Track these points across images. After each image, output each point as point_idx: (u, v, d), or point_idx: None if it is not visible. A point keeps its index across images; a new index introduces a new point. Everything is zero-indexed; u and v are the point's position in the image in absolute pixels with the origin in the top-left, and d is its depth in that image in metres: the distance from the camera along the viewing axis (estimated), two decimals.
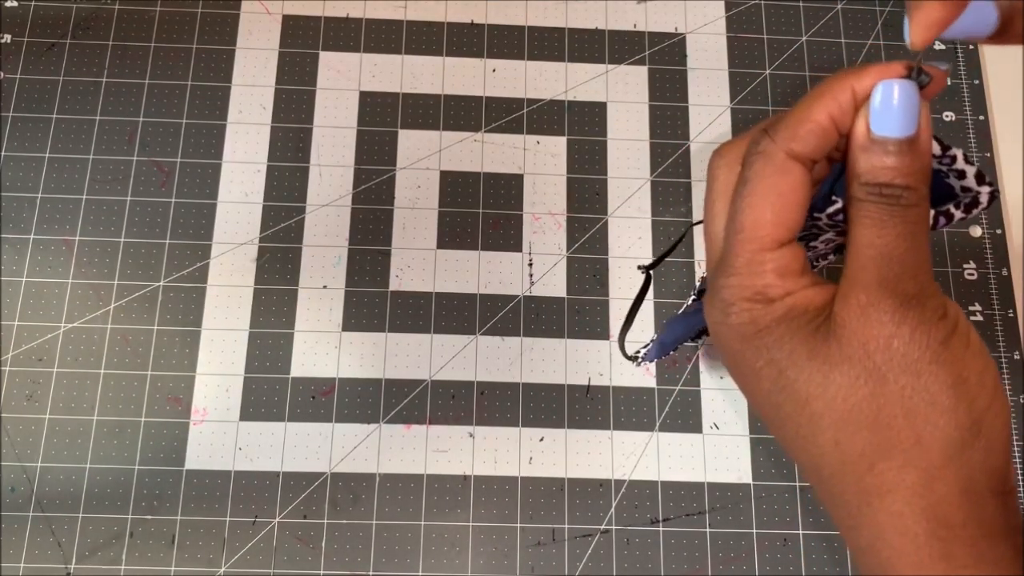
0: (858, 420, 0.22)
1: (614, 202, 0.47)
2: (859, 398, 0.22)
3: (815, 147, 0.23)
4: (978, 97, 0.50)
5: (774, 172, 0.23)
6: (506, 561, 0.41)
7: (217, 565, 0.41)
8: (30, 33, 0.48)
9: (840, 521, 0.24)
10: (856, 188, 0.23)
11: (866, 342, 0.22)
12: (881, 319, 0.22)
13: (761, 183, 0.23)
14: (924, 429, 0.22)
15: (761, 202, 0.23)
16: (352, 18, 0.50)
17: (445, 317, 0.45)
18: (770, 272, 0.23)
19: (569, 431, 0.43)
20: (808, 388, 0.23)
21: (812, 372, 0.23)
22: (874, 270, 0.23)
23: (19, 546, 0.40)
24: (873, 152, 0.23)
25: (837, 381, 0.23)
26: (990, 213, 0.48)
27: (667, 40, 0.51)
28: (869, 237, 0.23)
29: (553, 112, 0.49)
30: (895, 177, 0.22)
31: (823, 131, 0.23)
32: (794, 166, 0.23)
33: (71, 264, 0.45)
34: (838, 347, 0.23)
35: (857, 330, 0.22)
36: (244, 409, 0.43)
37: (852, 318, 0.23)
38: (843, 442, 0.23)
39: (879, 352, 0.22)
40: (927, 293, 0.23)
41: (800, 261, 0.24)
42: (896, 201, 0.22)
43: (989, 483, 0.22)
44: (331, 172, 0.47)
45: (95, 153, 0.47)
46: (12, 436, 0.42)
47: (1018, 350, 0.45)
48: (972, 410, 0.22)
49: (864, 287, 0.23)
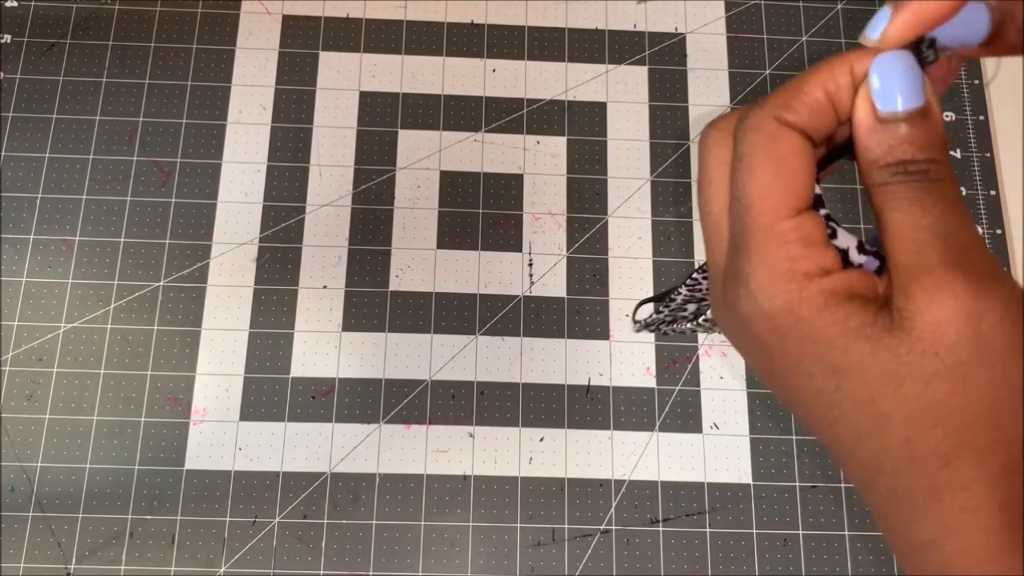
0: (934, 417, 0.20)
1: (614, 202, 0.47)
2: (937, 394, 0.20)
3: (808, 119, 0.21)
4: (978, 97, 0.50)
5: (768, 140, 0.21)
6: (506, 561, 0.41)
7: (217, 565, 0.41)
8: (30, 33, 0.48)
9: (895, 517, 0.22)
10: (876, 174, 0.21)
11: (944, 332, 0.20)
12: (960, 303, 0.19)
13: (757, 154, 0.21)
14: (1007, 422, 0.20)
15: (762, 172, 0.21)
16: (352, 18, 0.50)
17: (445, 317, 0.45)
18: (793, 241, 0.21)
19: (569, 431, 0.43)
20: (873, 387, 0.20)
21: (878, 370, 0.20)
22: (934, 251, 0.20)
23: (19, 546, 0.40)
24: (884, 130, 0.21)
25: (910, 378, 0.20)
26: (990, 213, 0.48)
27: (667, 40, 0.51)
28: (914, 218, 0.20)
29: (553, 112, 0.49)
30: (916, 151, 0.20)
31: (817, 104, 0.21)
32: (788, 132, 0.21)
33: (71, 264, 0.45)
34: (908, 340, 0.20)
35: (932, 319, 0.20)
36: (244, 409, 0.43)
37: (923, 307, 0.20)
38: (915, 439, 0.20)
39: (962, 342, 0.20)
40: (999, 271, 0.20)
41: (822, 232, 0.21)
42: (926, 176, 0.20)
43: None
44: (331, 172, 0.47)
45: (95, 153, 0.47)
46: (12, 436, 0.42)
47: None
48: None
49: (929, 271, 0.20)
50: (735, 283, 0.22)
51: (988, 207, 0.48)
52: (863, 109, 0.21)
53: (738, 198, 0.22)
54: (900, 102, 0.21)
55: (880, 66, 0.21)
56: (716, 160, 0.23)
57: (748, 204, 0.21)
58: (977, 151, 0.49)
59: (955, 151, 0.49)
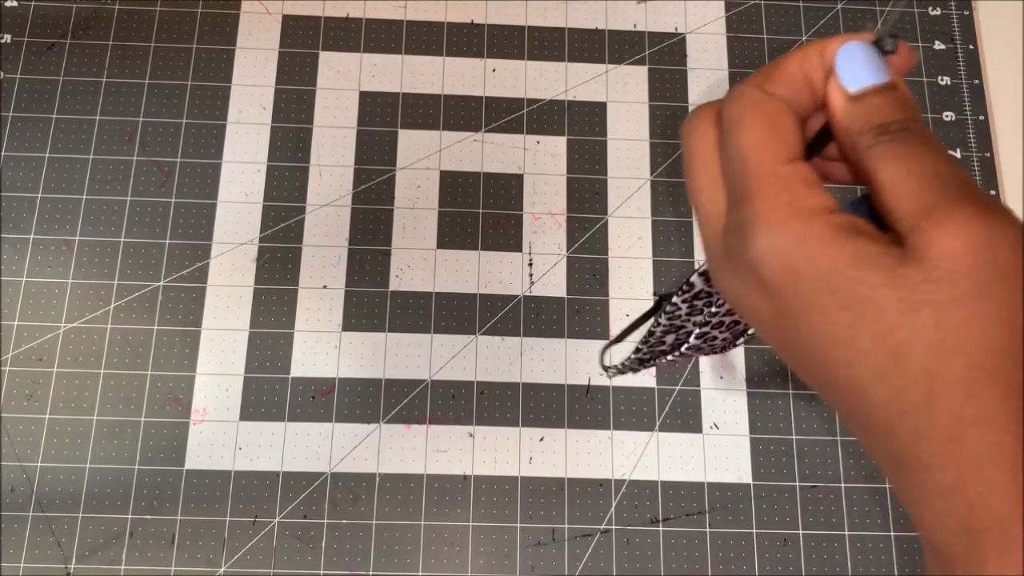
0: (955, 345, 0.20)
1: (614, 202, 0.47)
2: (957, 321, 0.20)
3: (788, 91, 0.23)
4: (978, 97, 0.50)
5: (755, 103, 0.22)
6: (506, 561, 0.41)
7: (217, 565, 0.41)
8: (30, 33, 0.48)
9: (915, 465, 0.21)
10: (861, 140, 0.22)
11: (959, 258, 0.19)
12: (972, 229, 0.19)
13: (747, 115, 0.22)
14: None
15: (755, 127, 0.22)
16: (352, 18, 0.50)
17: (445, 317, 0.45)
18: (795, 182, 0.21)
19: (569, 431, 0.43)
20: (890, 318, 0.20)
21: (893, 299, 0.20)
22: (936, 190, 0.20)
23: (19, 546, 0.40)
24: (859, 103, 0.22)
25: (929, 306, 0.20)
26: None
27: (667, 40, 0.51)
28: (908, 168, 0.21)
29: (553, 112, 0.49)
30: (894, 113, 0.21)
31: (795, 79, 0.23)
32: (777, 99, 0.22)
33: (71, 264, 0.45)
34: (923, 269, 0.20)
35: (946, 247, 0.20)
36: (244, 409, 0.43)
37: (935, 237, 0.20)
38: (936, 370, 0.20)
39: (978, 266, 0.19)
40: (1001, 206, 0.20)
41: (819, 179, 0.22)
42: (910, 132, 0.21)
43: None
44: (331, 172, 0.47)
45: (95, 153, 0.47)
46: (12, 436, 0.42)
47: None
48: None
49: (936, 205, 0.20)
50: (740, 233, 0.22)
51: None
52: (836, 90, 0.22)
53: (733, 157, 0.22)
54: (867, 78, 0.22)
55: (845, 53, 0.22)
56: (700, 136, 0.24)
57: (745, 157, 0.22)
58: (977, 151, 0.49)
59: (955, 151, 0.49)
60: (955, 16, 0.51)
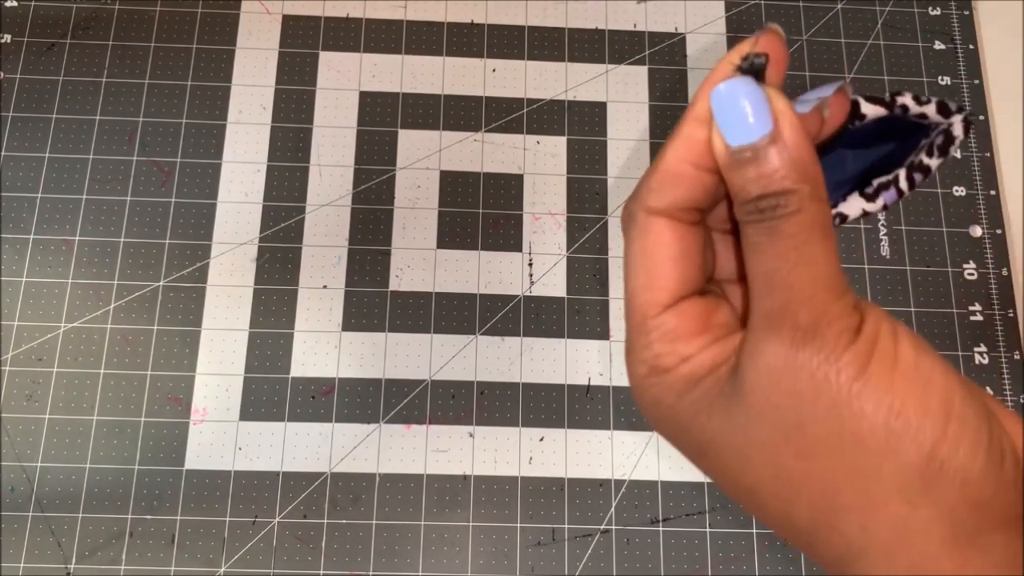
0: (795, 488, 0.19)
1: (614, 202, 0.47)
2: (787, 461, 0.19)
3: (675, 196, 0.21)
4: (978, 97, 0.50)
5: (639, 234, 0.21)
6: (506, 561, 0.41)
7: (217, 565, 0.41)
8: (30, 33, 0.48)
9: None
10: (738, 213, 0.20)
11: (770, 395, 0.19)
12: (776, 364, 0.19)
13: (630, 248, 0.21)
14: (870, 481, 0.18)
15: (634, 268, 0.21)
16: (352, 18, 0.50)
17: (445, 317, 0.45)
18: (656, 341, 0.21)
19: (569, 431, 0.43)
20: (735, 463, 0.20)
21: (734, 446, 0.20)
22: (759, 305, 0.20)
23: (19, 546, 0.40)
24: (738, 166, 0.19)
25: (756, 449, 0.19)
26: (990, 213, 0.48)
27: (667, 40, 0.51)
28: (752, 266, 0.20)
29: (553, 112, 0.49)
30: (765, 185, 0.19)
31: (678, 177, 0.21)
32: (656, 221, 0.21)
33: (71, 264, 0.45)
34: (744, 409, 0.19)
35: (758, 382, 0.19)
36: (244, 409, 0.43)
37: (748, 370, 0.19)
38: (791, 514, 0.20)
39: (788, 403, 0.19)
40: (830, 315, 0.19)
41: (697, 318, 0.21)
42: (774, 213, 0.19)
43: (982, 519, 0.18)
44: (331, 172, 0.47)
45: (95, 153, 0.47)
46: (12, 436, 0.42)
47: (1018, 350, 0.45)
48: (920, 446, 0.18)
49: (752, 329, 0.20)
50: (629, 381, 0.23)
51: (988, 207, 0.48)
52: (718, 147, 0.20)
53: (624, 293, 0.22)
54: (743, 134, 0.19)
55: (718, 99, 0.20)
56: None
57: (627, 302, 0.22)
58: (977, 151, 0.49)
59: (956, 151, 0.49)
60: (955, 16, 0.51)
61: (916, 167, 0.23)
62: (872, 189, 0.23)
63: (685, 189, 0.21)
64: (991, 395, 0.21)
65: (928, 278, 0.46)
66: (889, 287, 0.46)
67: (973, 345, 0.45)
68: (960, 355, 0.45)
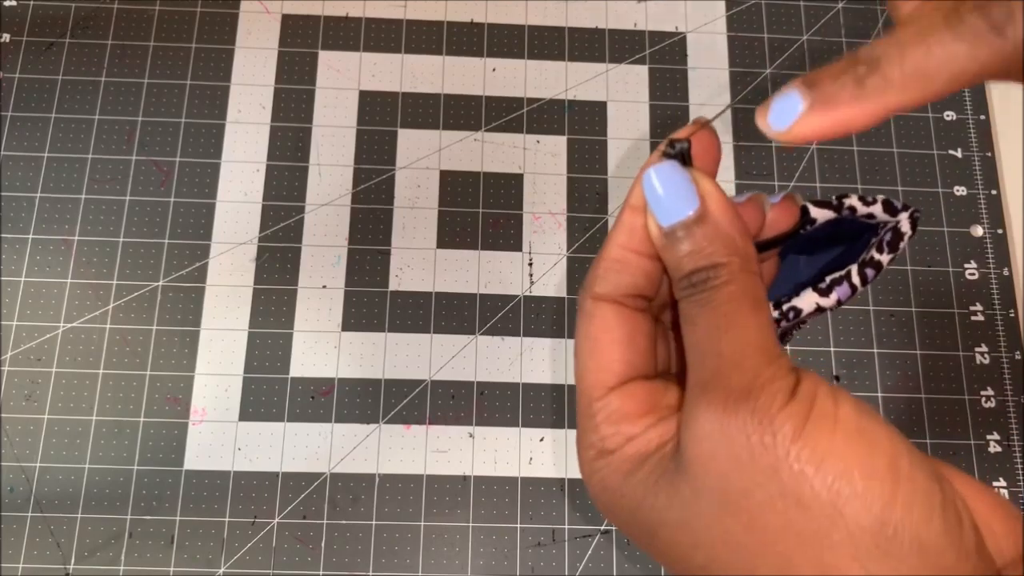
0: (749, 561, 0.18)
1: (614, 202, 0.47)
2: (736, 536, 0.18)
3: (619, 283, 0.21)
4: (979, 97, 0.50)
5: (586, 319, 0.22)
6: (506, 561, 0.41)
7: (216, 565, 0.41)
8: (29, 32, 0.48)
9: None
10: (676, 291, 0.21)
11: (708, 464, 0.18)
12: (712, 431, 0.18)
13: (578, 332, 0.22)
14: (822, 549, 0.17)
15: (581, 352, 0.22)
16: (352, 17, 0.50)
17: (445, 317, 0.45)
18: (601, 423, 0.21)
19: (569, 431, 0.43)
20: (685, 540, 0.19)
21: (681, 523, 0.19)
22: (693, 377, 0.20)
23: (18, 546, 0.40)
24: (669, 246, 0.20)
25: (706, 522, 0.19)
26: (991, 212, 0.47)
27: (667, 39, 0.50)
28: (686, 341, 0.20)
29: (553, 112, 0.49)
30: (696, 260, 0.20)
31: (621, 264, 0.21)
32: (601, 307, 0.21)
33: (70, 264, 0.45)
34: (687, 482, 0.19)
35: (696, 452, 0.19)
36: (243, 409, 0.43)
37: (689, 439, 0.19)
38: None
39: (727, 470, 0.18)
40: (762, 378, 0.19)
41: (642, 399, 0.21)
42: (705, 285, 0.20)
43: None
44: (331, 172, 0.47)
45: (94, 152, 0.46)
46: (11, 436, 0.42)
47: (1019, 350, 0.45)
48: (870, 510, 0.17)
49: (688, 400, 0.20)
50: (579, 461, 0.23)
51: (989, 206, 0.48)
52: (653, 229, 0.21)
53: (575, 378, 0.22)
54: (672, 214, 0.20)
55: (648, 183, 0.21)
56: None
57: (577, 383, 0.22)
58: (978, 150, 0.49)
59: (956, 150, 0.49)
60: None
61: (868, 263, 0.23)
62: (826, 284, 0.24)
63: (628, 275, 0.21)
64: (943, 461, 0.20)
65: (929, 278, 0.46)
66: (890, 287, 0.46)
67: (974, 345, 0.45)
68: (961, 355, 0.45)
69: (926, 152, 0.49)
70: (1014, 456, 0.44)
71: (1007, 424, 0.44)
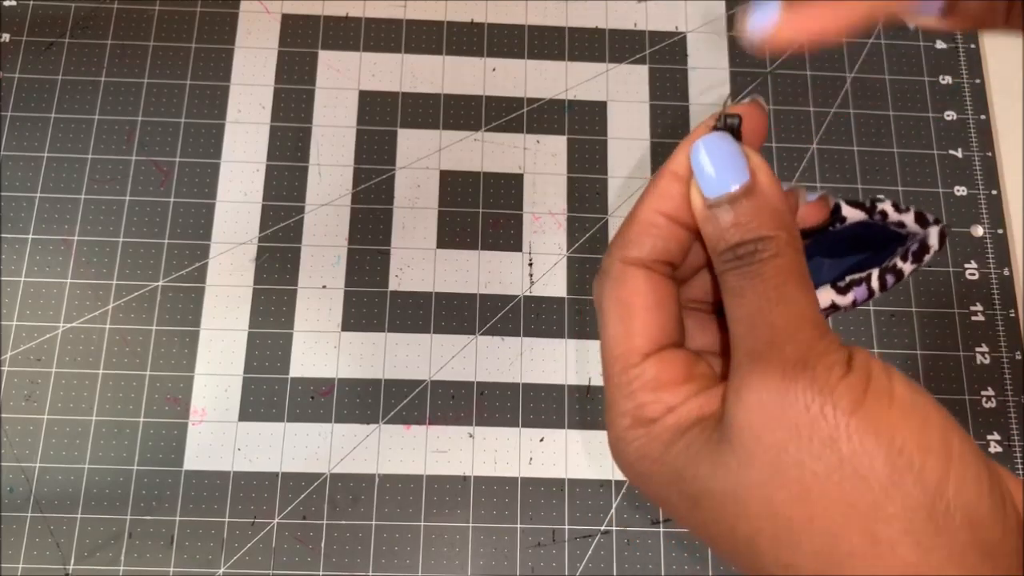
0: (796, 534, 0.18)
1: (614, 202, 0.47)
2: (786, 507, 0.18)
3: (650, 249, 0.21)
4: (979, 96, 0.50)
5: (613, 285, 0.21)
6: (506, 561, 0.41)
7: (216, 565, 0.41)
8: (29, 32, 0.48)
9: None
10: (716, 263, 0.20)
11: (761, 435, 0.18)
12: (767, 400, 0.18)
13: (605, 302, 0.21)
14: (875, 521, 0.17)
15: (611, 319, 0.21)
16: (352, 17, 0.50)
17: (445, 317, 0.45)
18: (639, 390, 0.21)
19: (569, 431, 0.43)
20: (727, 510, 0.19)
21: (727, 493, 0.19)
22: (743, 346, 0.19)
23: (18, 546, 0.40)
24: (714, 217, 0.20)
25: (755, 492, 0.18)
26: (991, 212, 0.47)
27: (667, 39, 0.50)
28: (733, 310, 0.20)
29: (553, 112, 0.49)
30: (744, 233, 0.20)
31: (653, 229, 0.21)
32: (633, 272, 0.21)
33: (70, 264, 0.45)
34: (734, 452, 0.19)
35: (748, 421, 0.19)
36: (243, 409, 0.43)
37: (736, 410, 0.19)
38: (791, 563, 0.18)
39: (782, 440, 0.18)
40: (817, 350, 0.19)
41: (679, 368, 0.21)
42: (753, 258, 0.19)
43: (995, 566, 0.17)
44: (330, 172, 0.47)
45: (94, 153, 0.46)
46: (11, 436, 0.42)
47: (1019, 350, 0.45)
48: (925, 485, 0.17)
49: (737, 369, 0.19)
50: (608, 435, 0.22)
51: (989, 206, 0.48)
52: (696, 200, 0.21)
53: (600, 347, 0.22)
54: (720, 185, 0.20)
55: (697, 155, 0.21)
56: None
57: (605, 354, 0.21)
58: (978, 150, 0.49)
59: (956, 150, 0.49)
60: None
61: (890, 269, 0.23)
62: (844, 283, 0.24)
63: (660, 239, 0.21)
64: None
65: (929, 278, 0.46)
66: None
67: (974, 345, 0.45)
68: (962, 355, 0.45)
69: (926, 152, 0.49)
70: (1014, 456, 0.44)
71: (1007, 424, 0.44)
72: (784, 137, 0.49)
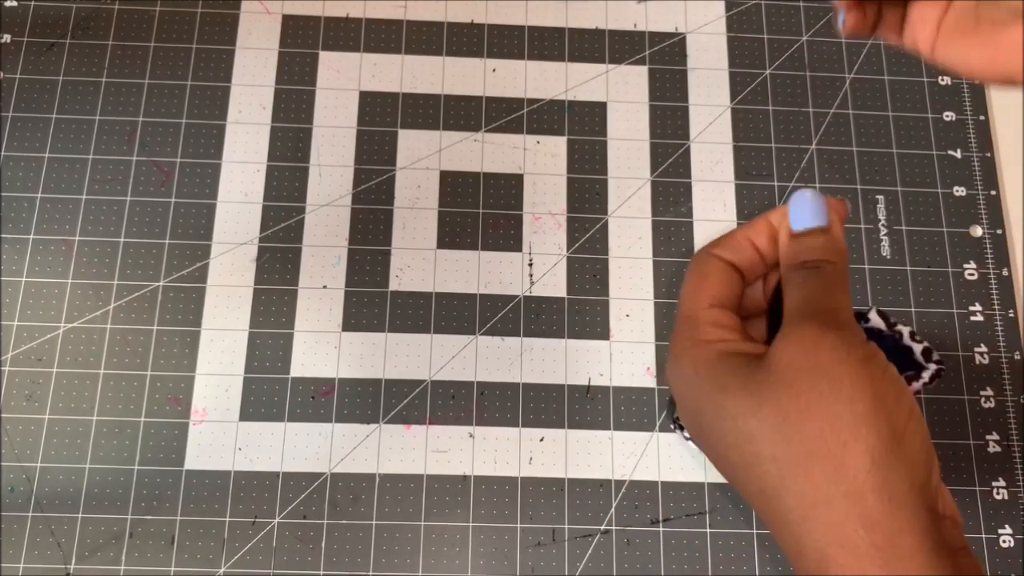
0: (789, 431, 0.24)
1: (614, 202, 0.47)
2: (790, 411, 0.24)
3: (732, 254, 0.29)
4: (978, 97, 0.50)
5: (699, 264, 0.29)
6: (506, 561, 0.41)
7: (217, 565, 0.41)
8: (30, 33, 0.48)
9: (789, 548, 0.25)
10: (786, 272, 0.28)
11: (792, 360, 0.25)
12: (804, 338, 0.25)
13: (691, 270, 0.29)
14: (848, 436, 0.24)
15: (692, 282, 0.29)
16: (352, 18, 0.50)
17: (445, 317, 0.45)
18: (704, 324, 0.28)
19: (569, 431, 0.43)
20: (740, 408, 0.25)
21: (745, 397, 0.25)
22: (796, 310, 0.27)
23: (19, 546, 0.40)
24: (796, 242, 0.28)
25: (769, 399, 0.25)
26: (990, 213, 0.48)
27: (667, 40, 0.50)
28: (794, 294, 0.27)
29: (553, 112, 0.49)
30: (814, 255, 0.27)
31: (739, 244, 0.29)
32: (715, 260, 0.29)
33: (71, 264, 0.45)
34: (767, 372, 0.25)
35: (783, 353, 0.25)
36: (244, 409, 0.43)
37: (780, 347, 0.26)
38: (780, 456, 0.24)
39: (806, 367, 0.25)
40: (846, 323, 0.26)
41: (734, 321, 0.28)
42: (817, 269, 0.27)
43: (917, 497, 0.24)
44: (331, 172, 0.47)
45: (95, 153, 0.46)
46: (12, 436, 0.42)
47: (1018, 350, 0.45)
48: (892, 423, 0.24)
49: (788, 321, 0.26)
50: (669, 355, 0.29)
51: (988, 207, 0.48)
52: (784, 231, 0.29)
53: (678, 305, 0.29)
54: (806, 221, 0.28)
55: (796, 197, 0.29)
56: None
57: (681, 301, 0.29)
58: (977, 151, 0.49)
59: (955, 151, 0.49)
60: None
61: None
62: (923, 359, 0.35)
63: (740, 252, 0.29)
64: None
65: (928, 278, 0.46)
66: (889, 287, 0.46)
67: (973, 345, 0.45)
68: (960, 355, 0.45)
69: (926, 152, 0.49)
70: (1014, 456, 0.44)
71: (1007, 424, 0.44)
72: (783, 137, 0.49)
